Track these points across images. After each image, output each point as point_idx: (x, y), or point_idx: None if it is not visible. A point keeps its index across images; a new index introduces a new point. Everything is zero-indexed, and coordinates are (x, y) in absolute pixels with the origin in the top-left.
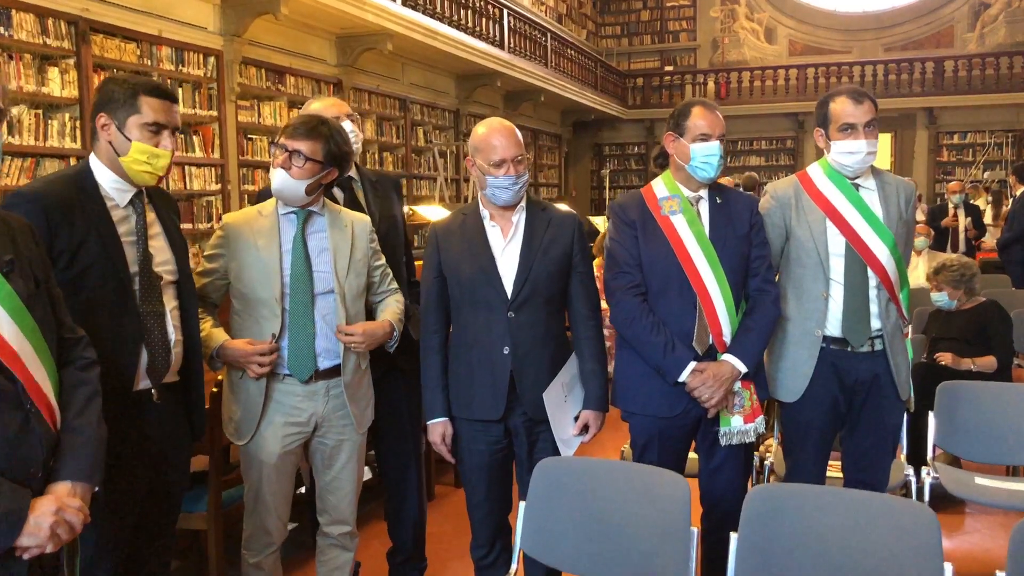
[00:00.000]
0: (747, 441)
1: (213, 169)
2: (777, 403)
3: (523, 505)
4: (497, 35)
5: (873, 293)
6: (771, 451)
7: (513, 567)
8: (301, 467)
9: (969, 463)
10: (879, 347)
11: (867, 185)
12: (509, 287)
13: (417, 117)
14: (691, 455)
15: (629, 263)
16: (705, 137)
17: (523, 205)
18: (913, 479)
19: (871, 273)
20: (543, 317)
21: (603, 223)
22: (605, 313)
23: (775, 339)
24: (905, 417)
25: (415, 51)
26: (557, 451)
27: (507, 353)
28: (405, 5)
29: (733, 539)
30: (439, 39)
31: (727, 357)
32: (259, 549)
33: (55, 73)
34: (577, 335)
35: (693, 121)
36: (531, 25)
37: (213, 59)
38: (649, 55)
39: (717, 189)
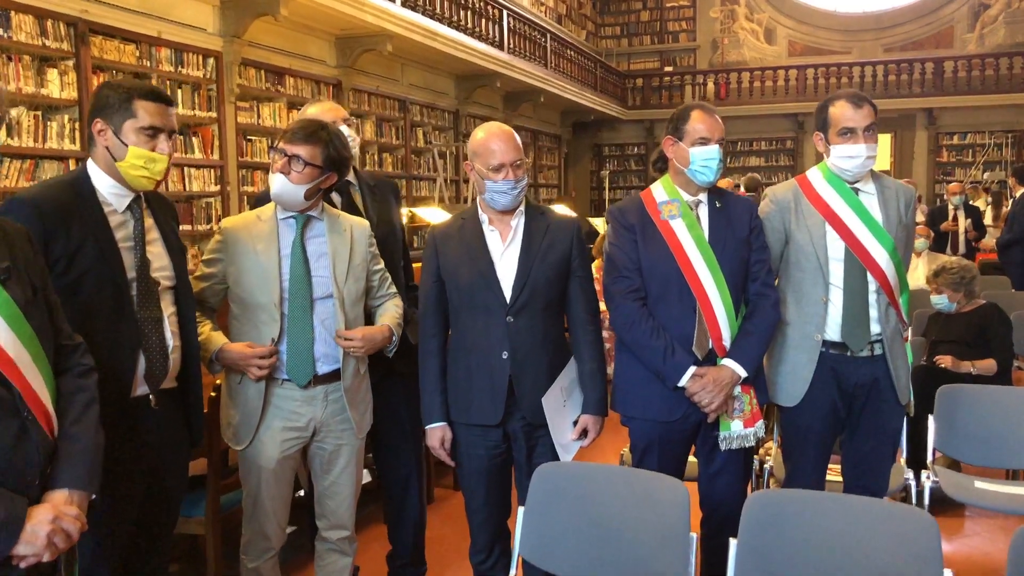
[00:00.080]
0: (747, 445)
1: (212, 170)
2: (777, 407)
3: (522, 510)
4: (497, 36)
5: (873, 297)
6: (771, 454)
7: (512, 572)
8: (299, 471)
9: (969, 467)
10: (879, 351)
11: (867, 189)
12: (508, 291)
13: (416, 118)
14: (690, 459)
15: (628, 267)
16: (704, 141)
17: (522, 209)
18: (913, 483)
19: (871, 278)
20: (542, 321)
21: (602, 224)
22: (604, 316)
23: (775, 343)
24: (905, 421)
25: (414, 52)
26: (556, 456)
27: (506, 358)
28: (404, 6)
29: (732, 545)
30: (438, 40)
31: (727, 362)
32: (258, 554)
33: (54, 75)
34: (576, 339)
35: (692, 125)
36: (531, 26)
37: (212, 60)
38: (649, 56)
39: (716, 193)
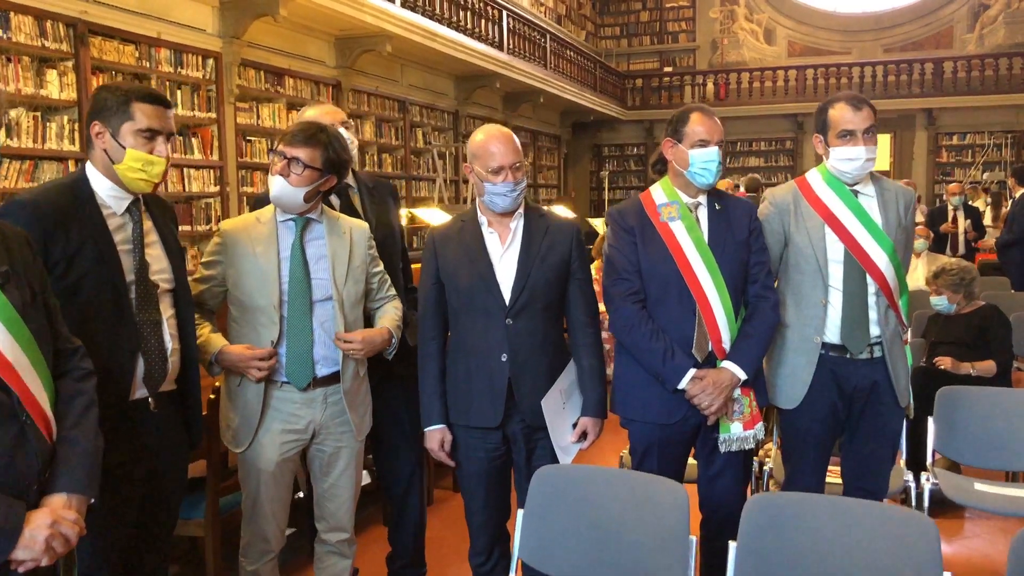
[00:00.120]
0: (746, 448)
1: (212, 171)
2: (776, 410)
3: (521, 513)
4: (496, 36)
5: (872, 300)
6: (770, 455)
7: (511, 574)
8: (298, 473)
9: (968, 468)
10: (878, 354)
11: (866, 192)
12: (507, 294)
13: (416, 118)
14: (690, 460)
15: (628, 270)
16: (704, 143)
17: (521, 212)
18: (912, 485)
19: (870, 280)
20: (541, 324)
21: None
22: (603, 317)
23: (774, 346)
24: (904, 422)
25: (414, 52)
26: (555, 458)
27: (505, 360)
28: (404, 7)
29: (732, 548)
30: (438, 40)
31: (727, 364)
32: (257, 556)
33: (54, 75)
34: (575, 342)
35: (691, 127)
36: (530, 26)
37: (212, 61)
38: (648, 56)
39: (716, 195)
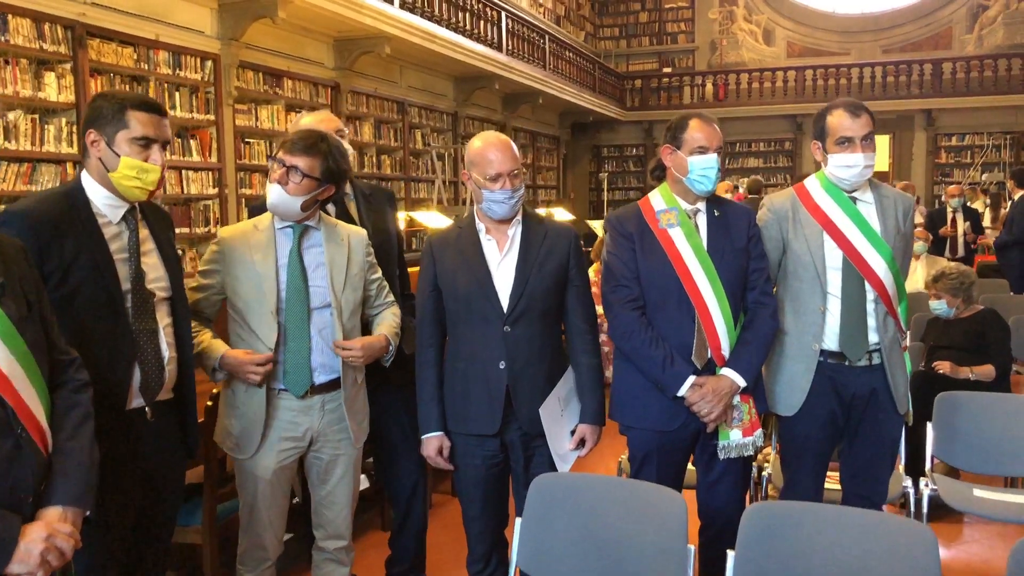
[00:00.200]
0: (745, 455)
1: (210, 173)
2: (775, 416)
3: (519, 521)
4: (495, 37)
5: (871, 307)
6: (769, 461)
7: None
8: (293, 480)
9: (967, 474)
10: (877, 361)
11: (865, 198)
12: (505, 301)
13: (415, 120)
14: (689, 467)
15: (627, 276)
16: (703, 149)
17: (519, 218)
18: (911, 491)
19: (868, 287)
20: (539, 331)
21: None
22: (602, 320)
23: (773, 353)
24: (903, 428)
25: (413, 54)
26: (553, 465)
27: (503, 367)
28: (402, 8)
29: (730, 557)
30: (437, 42)
31: (726, 371)
32: (254, 564)
33: (51, 78)
34: (573, 348)
35: (690, 133)
36: (529, 27)
37: (210, 63)
38: (647, 57)
39: (715, 201)
